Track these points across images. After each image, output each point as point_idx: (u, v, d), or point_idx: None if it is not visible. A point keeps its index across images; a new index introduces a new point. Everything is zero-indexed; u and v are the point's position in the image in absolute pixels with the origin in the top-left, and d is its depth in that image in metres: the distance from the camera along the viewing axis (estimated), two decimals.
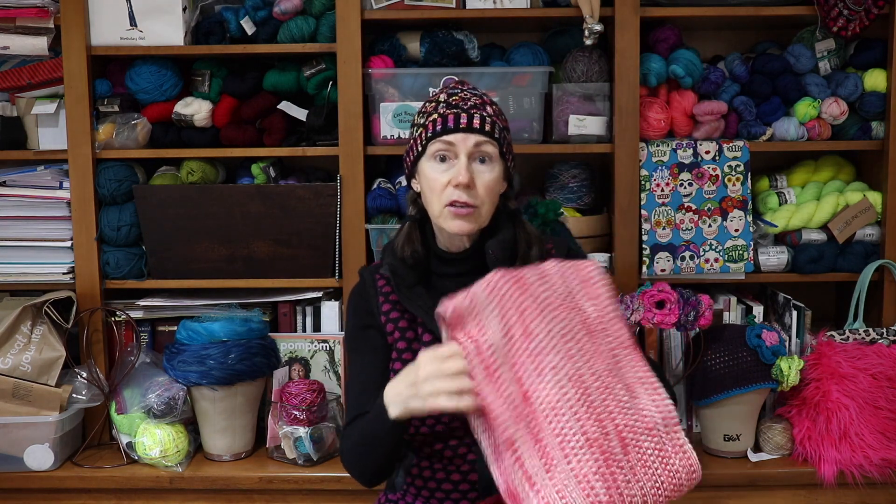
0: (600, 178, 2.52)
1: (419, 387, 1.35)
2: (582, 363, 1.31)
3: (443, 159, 1.58)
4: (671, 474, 1.33)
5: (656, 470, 1.32)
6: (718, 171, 2.33)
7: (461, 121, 1.57)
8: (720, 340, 2.20)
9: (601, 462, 1.28)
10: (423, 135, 1.60)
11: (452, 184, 1.55)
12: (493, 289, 1.32)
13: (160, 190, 2.33)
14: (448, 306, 1.32)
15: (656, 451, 1.33)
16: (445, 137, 1.57)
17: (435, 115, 1.59)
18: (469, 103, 1.59)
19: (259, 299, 2.39)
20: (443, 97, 1.62)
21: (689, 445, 1.36)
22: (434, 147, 1.58)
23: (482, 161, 1.58)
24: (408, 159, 1.67)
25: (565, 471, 1.27)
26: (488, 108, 1.61)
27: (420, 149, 1.61)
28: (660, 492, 1.32)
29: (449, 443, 1.58)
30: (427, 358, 1.36)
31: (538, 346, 1.31)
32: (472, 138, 1.57)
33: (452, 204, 1.56)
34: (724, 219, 2.34)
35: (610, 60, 2.34)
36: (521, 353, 1.30)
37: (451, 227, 1.57)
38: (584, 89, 2.34)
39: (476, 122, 1.57)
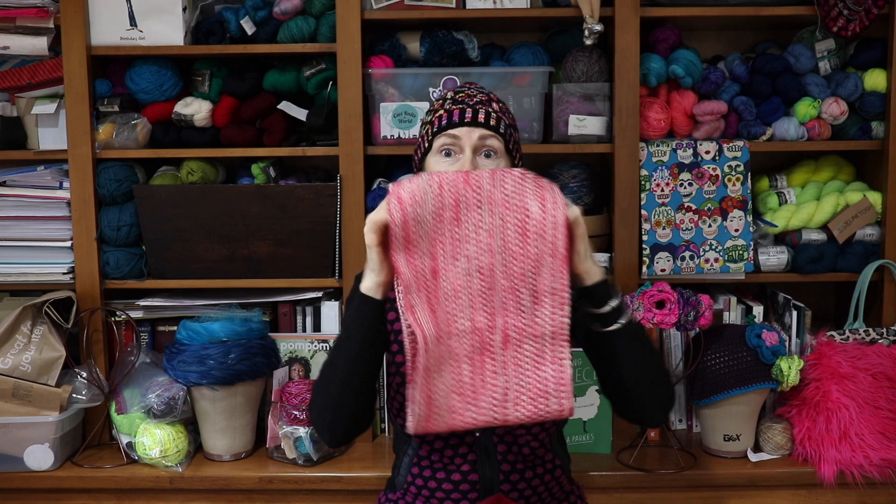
0: (600, 178, 2.52)
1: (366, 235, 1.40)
2: (498, 261, 1.38)
3: (448, 154, 1.59)
4: (539, 380, 1.39)
5: (526, 372, 1.39)
6: (718, 171, 2.33)
7: (466, 115, 1.58)
8: (720, 340, 2.20)
9: (477, 348, 1.38)
10: (430, 131, 1.62)
11: None
12: (441, 177, 1.38)
13: (160, 190, 2.33)
14: (399, 185, 1.38)
15: (533, 356, 1.39)
16: (450, 132, 1.58)
17: (441, 112, 1.61)
18: (474, 100, 1.61)
19: (259, 299, 2.39)
20: (449, 95, 1.65)
21: (570, 362, 1.38)
22: (439, 142, 1.59)
23: (487, 156, 1.59)
24: (416, 157, 1.69)
25: (446, 346, 1.37)
26: (494, 105, 1.62)
27: (427, 145, 1.62)
28: (522, 391, 1.38)
29: (450, 442, 1.58)
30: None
31: (463, 233, 1.38)
32: (477, 132, 1.58)
33: None
34: (724, 219, 2.34)
35: (610, 60, 2.34)
36: (445, 234, 1.38)
37: None
38: (584, 89, 2.34)
39: (481, 116, 1.58)
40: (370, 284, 1.43)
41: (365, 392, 1.49)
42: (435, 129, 1.60)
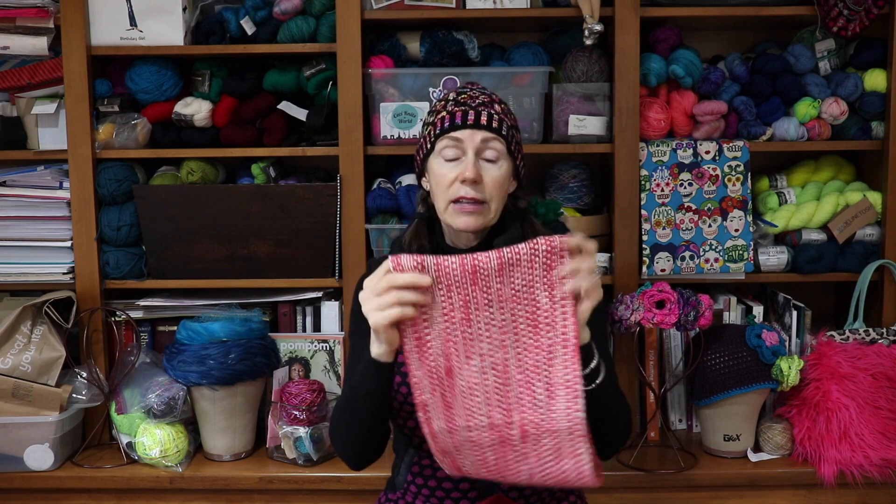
0: (600, 178, 2.52)
1: (370, 316, 1.35)
2: (512, 355, 1.37)
3: (451, 156, 1.59)
4: (560, 471, 1.38)
5: (547, 462, 1.38)
6: (718, 171, 2.33)
7: (469, 117, 1.58)
8: (720, 340, 2.20)
9: (497, 442, 1.38)
10: (432, 132, 1.62)
11: (459, 179, 1.56)
12: (446, 273, 1.35)
13: (160, 190, 2.33)
14: (398, 264, 1.34)
15: (552, 450, 1.38)
16: (453, 134, 1.58)
17: (443, 113, 1.61)
18: (477, 101, 1.61)
19: (259, 299, 2.39)
20: (451, 96, 1.64)
21: (588, 455, 1.37)
22: (442, 144, 1.59)
23: (490, 158, 1.59)
24: (418, 158, 1.69)
25: (465, 436, 1.38)
26: (496, 107, 1.62)
27: (429, 146, 1.62)
28: (545, 478, 1.39)
29: None
30: (367, 287, 1.36)
31: (475, 332, 1.36)
32: (480, 134, 1.58)
33: (458, 200, 1.57)
34: (724, 219, 2.34)
35: (610, 60, 2.34)
36: (457, 334, 1.36)
37: (458, 223, 1.58)
38: (584, 89, 2.34)
39: (483, 118, 1.58)
40: (380, 352, 1.40)
41: (384, 423, 1.52)
42: (437, 132, 1.60)
